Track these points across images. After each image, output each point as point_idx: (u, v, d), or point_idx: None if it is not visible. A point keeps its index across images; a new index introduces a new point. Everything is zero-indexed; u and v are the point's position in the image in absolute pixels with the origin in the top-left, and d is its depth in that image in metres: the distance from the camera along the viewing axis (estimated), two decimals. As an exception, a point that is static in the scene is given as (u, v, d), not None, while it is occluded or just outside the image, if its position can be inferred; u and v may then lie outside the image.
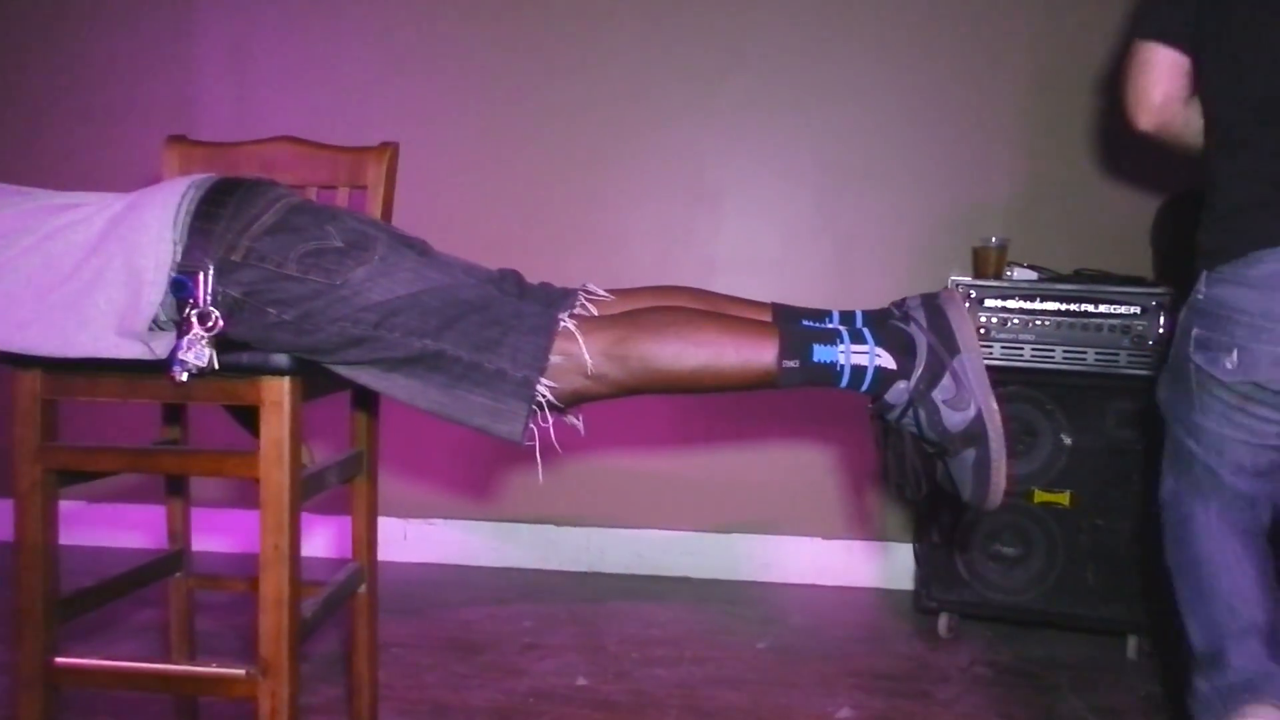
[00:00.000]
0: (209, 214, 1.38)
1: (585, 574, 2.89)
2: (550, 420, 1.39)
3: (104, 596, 1.57)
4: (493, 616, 2.52)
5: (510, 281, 1.58)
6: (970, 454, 1.35)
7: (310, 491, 1.47)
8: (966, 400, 1.35)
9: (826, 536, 2.84)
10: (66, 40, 2.94)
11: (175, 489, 1.76)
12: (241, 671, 1.36)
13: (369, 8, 2.88)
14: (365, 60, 2.88)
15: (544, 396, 1.38)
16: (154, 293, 1.34)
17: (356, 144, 1.76)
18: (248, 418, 1.74)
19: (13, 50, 2.95)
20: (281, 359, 1.37)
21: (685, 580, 2.87)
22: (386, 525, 2.85)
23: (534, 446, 1.39)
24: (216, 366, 1.35)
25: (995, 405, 1.34)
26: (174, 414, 1.75)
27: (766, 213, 2.84)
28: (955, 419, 1.35)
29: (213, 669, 1.38)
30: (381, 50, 2.88)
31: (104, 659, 1.43)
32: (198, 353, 1.34)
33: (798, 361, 1.37)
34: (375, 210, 1.71)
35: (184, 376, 1.34)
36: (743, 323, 1.43)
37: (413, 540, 2.92)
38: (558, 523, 2.91)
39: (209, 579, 1.80)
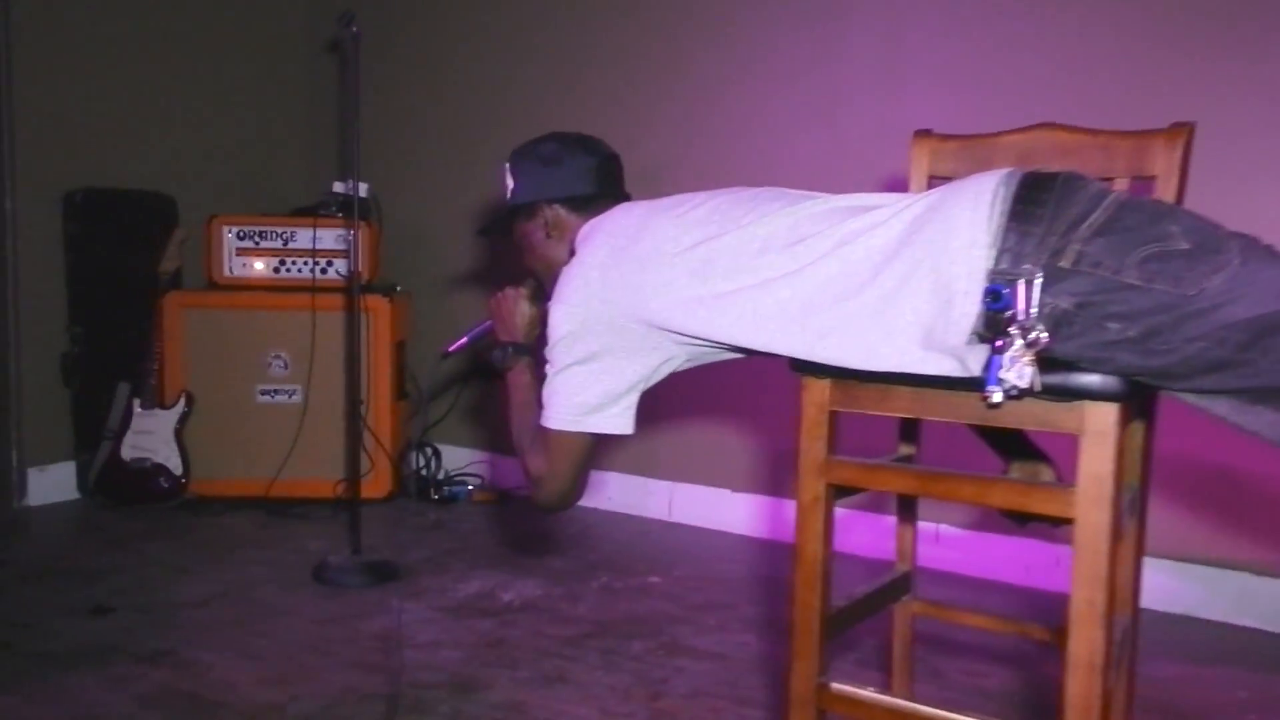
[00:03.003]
0: (1026, 214, 1.21)
1: (1295, 639, 2.37)
2: None
3: (856, 616, 1.50)
4: (1195, 678, 2.13)
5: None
6: None
7: (1115, 537, 1.25)
8: None
9: None
10: (733, 41, 3.07)
11: (906, 506, 1.66)
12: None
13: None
14: (1025, 48, 2.62)
15: None
16: (968, 303, 1.20)
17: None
18: (999, 439, 1.58)
19: (682, 52, 3.15)
20: (1112, 382, 1.17)
21: None
22: (1030, 548, 2.59)
23: None
24: (1038, 388, 1.18)
25: None
26: (910, 430, 1.65)
27: None
28: None
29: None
30: (1041, 36, 2.60)
31: (874, 690, 1.35)
32: (1019, 371, 1.17)
33: None
34: (1166, 203, 1.45)
35: (999, 397, 1.19)
36: None
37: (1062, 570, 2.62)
38: (1256, 570, 2.42)
39: (935, 606, 1.68)
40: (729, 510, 3.14)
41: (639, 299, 1.41)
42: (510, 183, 1.64)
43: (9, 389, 3.16)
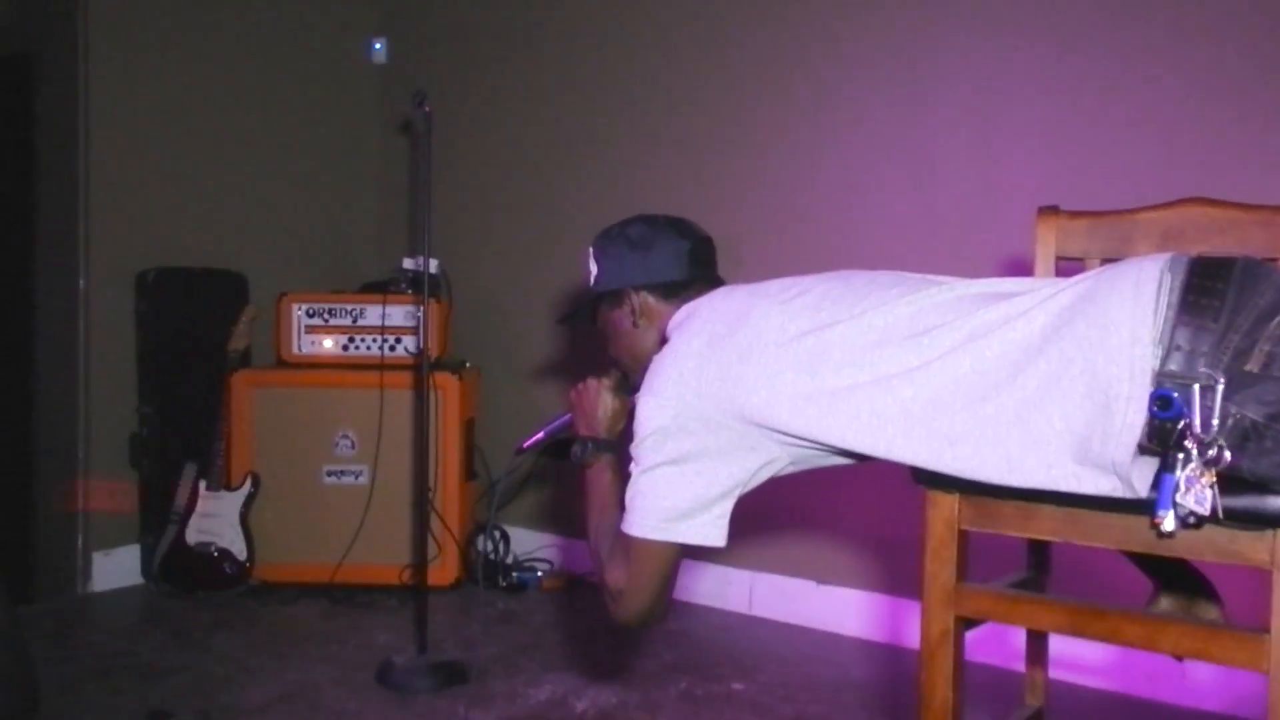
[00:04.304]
0: (1200, 306, 1.03)
1: None
2: None
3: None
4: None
5: None
6: None
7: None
8: None
9: None
10: (819, 110, 2.95)
11: (1037, 636, 1.46)
12: None
13: (1129, 59, 2.44)
14: (1125, 116, 2.44)
15: None
16: (1133, 411, 1.03)
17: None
18: (1151, 563, 1.38)
19: (766, 125, 3.04)
20: (1315, 509, 0.98)
21: None
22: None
23: None
24: (1221, 515, 0.99)
25: None
26: (1040, 550, 1.45)
27: None
28: None
29: None
30: (1142, 105, 2.42)
31: None
32: (1198, 495, 0.99)
33: None
34: (1348, 288, 1.26)
35: (1171, 523, 1.01)
36: None
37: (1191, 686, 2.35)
38: None
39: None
40: (814, 604, 2.92)
41: (738, 393, 1.26)
42: (594, 268, 1.51)
43: (77, 471, 3.11)
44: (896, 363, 1.18)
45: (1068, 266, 1.44)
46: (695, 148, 3.15)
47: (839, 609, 2.88)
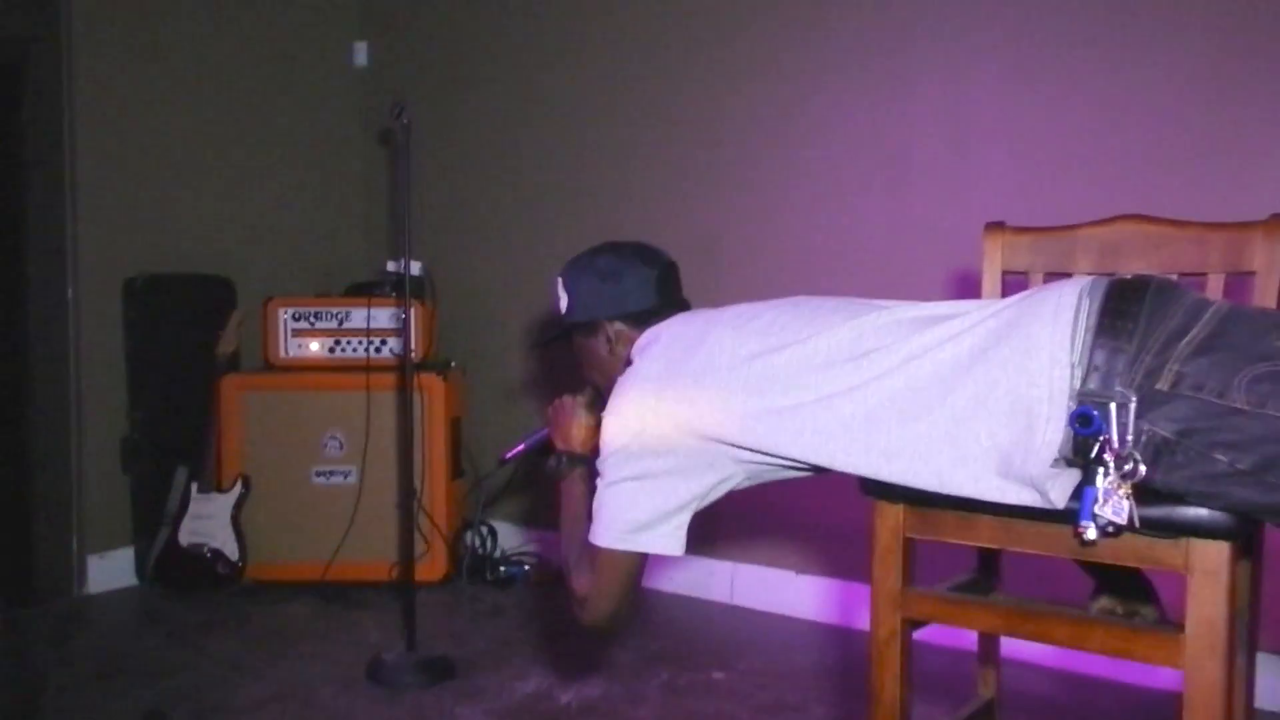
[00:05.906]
0: (1115, 328, 1.11)
1: None
2: None
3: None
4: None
5: None
6: None
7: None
8: None
9: None
10: (793, 106, 3.01)
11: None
12: None
13: (1100, 64, 2.50)
14: (1096, 121, 2.50)
15: None
16: (1051, 430, 1.10)
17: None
18: (1092, 564, 1.46)
19: (741, 127, 3.10)
20: (1221, 517, 1.05)
21: None
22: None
23: None
24: (1137, 524, 1.07)
25: None
26: (987, 553, 1.53)
27: None
28: None
29: None
30: (1112, 110, 2.48)
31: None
32: (1115, 506, 1.07)
33: None
34: (1269, 304, 1.33)
35: (1093, 534, 1.08)
36: None
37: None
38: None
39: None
40: (793, 594, 3.01)
41: (694, 413, 1.34)
42: (565, 297, 1.59)
43: (70, 475, 3.18)
44: (838, 383, 1.25)
45: (1013, 281, 1.52)
46: (674, 151, 3.21)
47: (816, 597, 2.97)
